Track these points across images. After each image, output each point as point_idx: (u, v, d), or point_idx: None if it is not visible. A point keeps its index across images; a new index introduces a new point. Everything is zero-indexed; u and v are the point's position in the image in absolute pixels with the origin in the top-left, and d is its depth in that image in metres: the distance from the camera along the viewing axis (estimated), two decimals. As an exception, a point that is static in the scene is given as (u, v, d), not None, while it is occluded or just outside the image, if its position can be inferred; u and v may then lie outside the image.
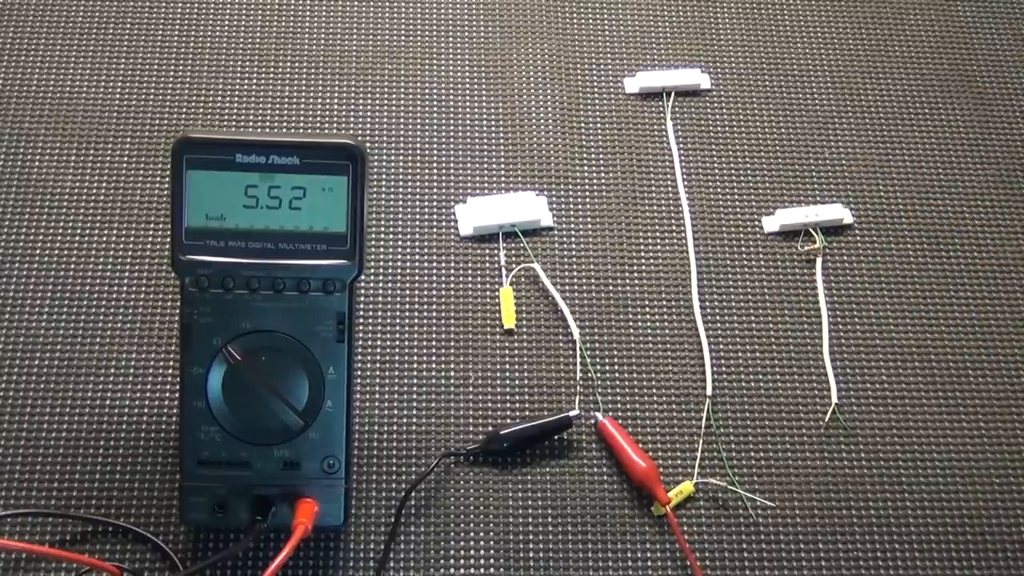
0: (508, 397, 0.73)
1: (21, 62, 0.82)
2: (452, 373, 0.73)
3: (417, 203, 0.79)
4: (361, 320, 0.74)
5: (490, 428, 0.71)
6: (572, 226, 0.78)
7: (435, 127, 0.82)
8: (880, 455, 0.72)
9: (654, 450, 0.71)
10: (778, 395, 0.74)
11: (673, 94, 0.84)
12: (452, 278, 0.76)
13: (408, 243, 0.77)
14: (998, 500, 0.71)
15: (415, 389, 0.73)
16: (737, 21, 0.88)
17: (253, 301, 0.62)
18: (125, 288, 0.75)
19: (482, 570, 0.68)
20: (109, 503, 0.68)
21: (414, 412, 0.72)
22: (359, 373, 0.73)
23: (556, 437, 0.71)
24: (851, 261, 0.79)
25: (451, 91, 0.83)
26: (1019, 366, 0.76)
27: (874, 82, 0.86)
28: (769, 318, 0.76)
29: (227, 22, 0.85)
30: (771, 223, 0.79)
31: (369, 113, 0.82)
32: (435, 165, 0.80)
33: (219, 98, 0.82)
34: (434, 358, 0.74)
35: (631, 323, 0.75)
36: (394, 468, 0.70)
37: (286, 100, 0.82)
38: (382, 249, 0.77)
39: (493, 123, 0.82)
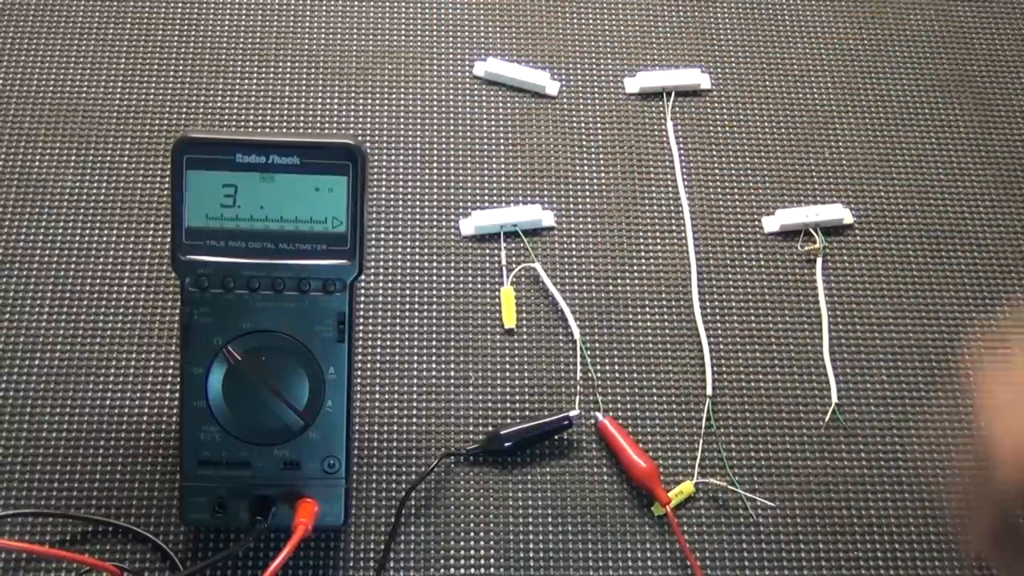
0: (508, 397, 0.73)
1: (21, 62, 0.82)
2: (452, 373, 0.73)
3: (417, 203, 0.79)
4: (361, 320, 0.74)
5: (490, 428, 0.71)
6: (573, 226, 0.79)
7: (435, 127, 0.82)
8: (880, 455, 0.72)
9: (654, 450, 0.71)
10: (778, 395, 0.74)
11: (673, 94, 0.84)
12: (452, 278, 0.76)
13: (408, 243, 0.77)
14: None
15: (415, 389, 0.73)
16: (737, 21, 0.88)
17: (253, 301, 0.62)
18: (125, 288, 0.75)
19: (482, 570, 0.68)
20: (109, 503, 0.68)
21: (414, 412, 0.72)
22: (359, 373, 0.73)
23: (556, 437, 0.71)
24: (851, 261, 0.79)
25: (451, 91, 0.83)
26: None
27: (874, 82, 0.86)
28: (769, 318, 0.76)
29: (227, 22, 0.85)
30: (771, 223, 0.79)
31: (369, 113, 0.82)
32: (435, 165, 0.80)
33: (219, 98, 0.82)
34: (434, 358, 0.74)
35: (631, 323, 0.75)
36: (394, 468, 0.70)
37: (286, 100, 0.82)
38: (382, 249, 0.77)
39: (493, 123, 0.82)
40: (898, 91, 0.86)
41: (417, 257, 0.77)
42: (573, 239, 0.78)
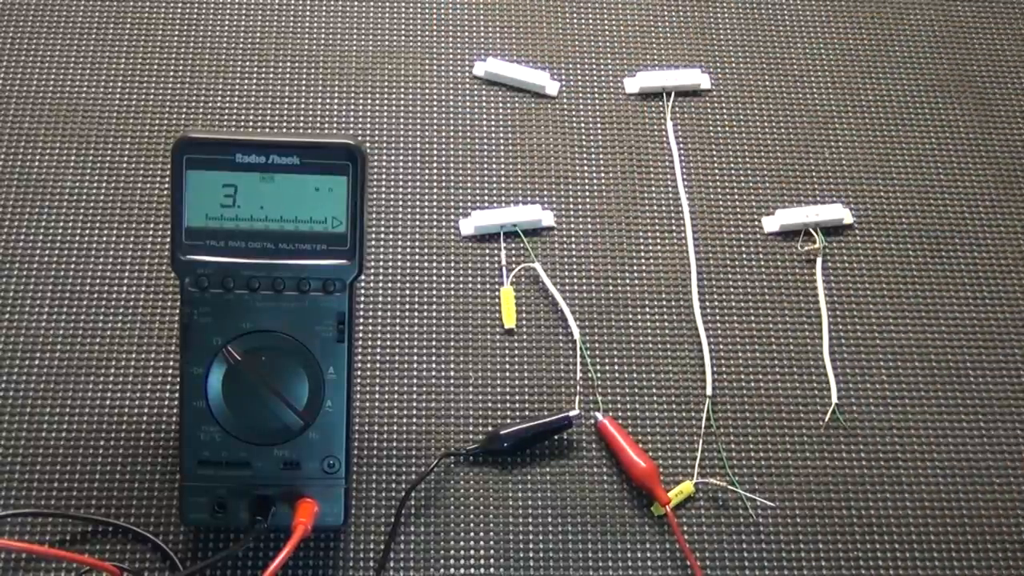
0: (508, 397, 0.73)
1: (21, 62, 0.82)
2: (452, 373, 0.73)
3: (417, 203, 0.79)
4: (361, 320, 0.74)
5: (490, 428, 0.71)
6: (572, 226, 0.79)
7: (435, 127, 0.82)
8: (880, 455, 0.72)
9: (654, 450, 0.71)
10: (778, 395, 0.74)
11: (673, 94, 0.84)
12: (452, 278, 0.76)
13: (408, 243, 0.77)
14: (998, 500, 0.71)
15: (415, 389, 0.73)
16: (737, 21, 0.88)
17: (253, 301, 0.62)
18: (125, 288, 0.75)
19: (482, 570, 0.68)
20: (109, 503, 0.68)
21: (414, 412, 0.72)
22: (359, 373, 0.73)
23: (556, 437, 0.71)
24: (851, 261, 0.79)
25: (451, 91, 0.83)
26: (1019, 366, 0.76)
27: (874, 82, 0.86)
28: (769, 318, 0.76)
29: (227, 22, 0.85)
30: (771, 223, 0.79)
31: (369, 113, 0.82)
32: (435, 165, 0.80)
33: (219, 98, 0.82)
34: (434, 358, 0.74)
35: (631, 323, 0.75)
36: (394, 468, 0.70)
37: (286, 100, 0.82)
38: (382, 249, 0.77)
39: (493, 123, 0.82)
40: (898, 91, 0.86)
41: (417, 257, 0.77)
42: (573, 239, 0.78)
